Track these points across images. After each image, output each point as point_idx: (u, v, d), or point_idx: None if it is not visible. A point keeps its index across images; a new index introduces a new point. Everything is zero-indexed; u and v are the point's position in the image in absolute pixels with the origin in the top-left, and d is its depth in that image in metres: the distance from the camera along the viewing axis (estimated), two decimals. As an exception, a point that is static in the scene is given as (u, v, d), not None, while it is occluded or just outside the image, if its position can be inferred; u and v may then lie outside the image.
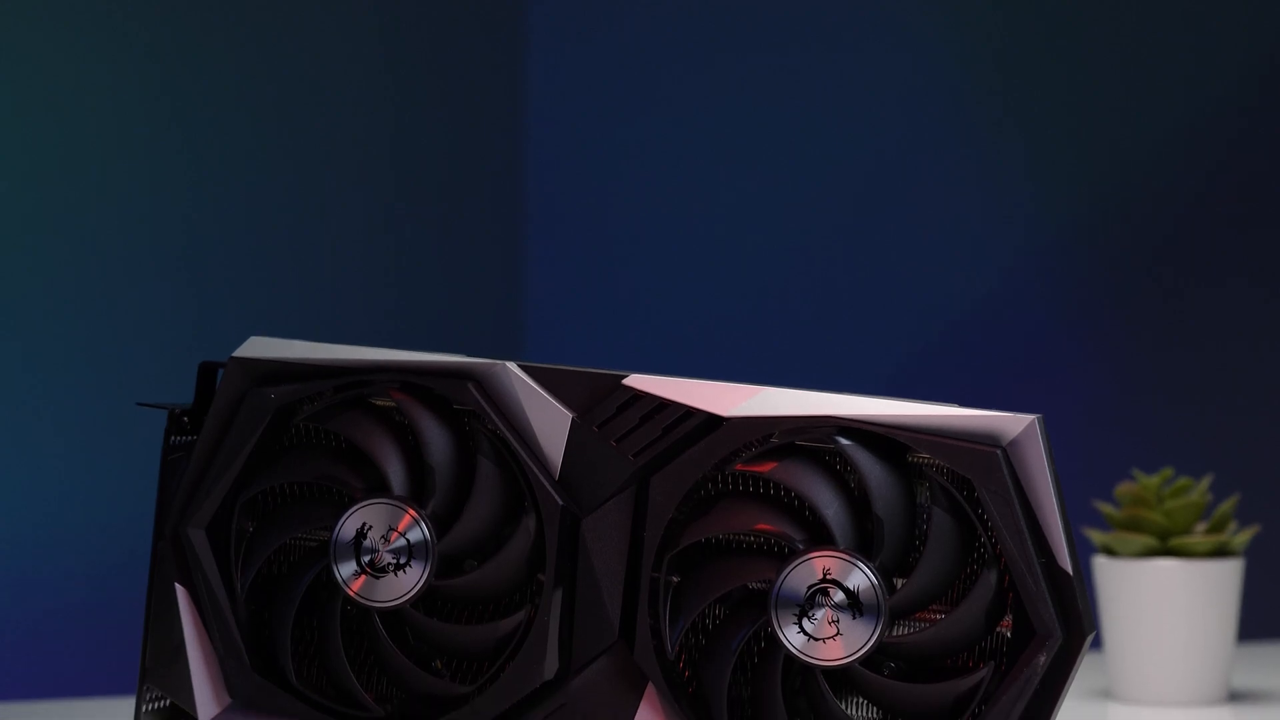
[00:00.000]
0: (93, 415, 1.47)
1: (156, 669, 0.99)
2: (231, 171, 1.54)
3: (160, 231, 1.51)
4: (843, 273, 1.74)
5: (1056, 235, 1.78)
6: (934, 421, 0.92)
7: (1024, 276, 1.77)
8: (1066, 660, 0.92)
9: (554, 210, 1.69)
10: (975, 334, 1.75)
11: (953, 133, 1.77)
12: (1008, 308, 1.76)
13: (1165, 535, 1.40)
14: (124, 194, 1.50)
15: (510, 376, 0.96)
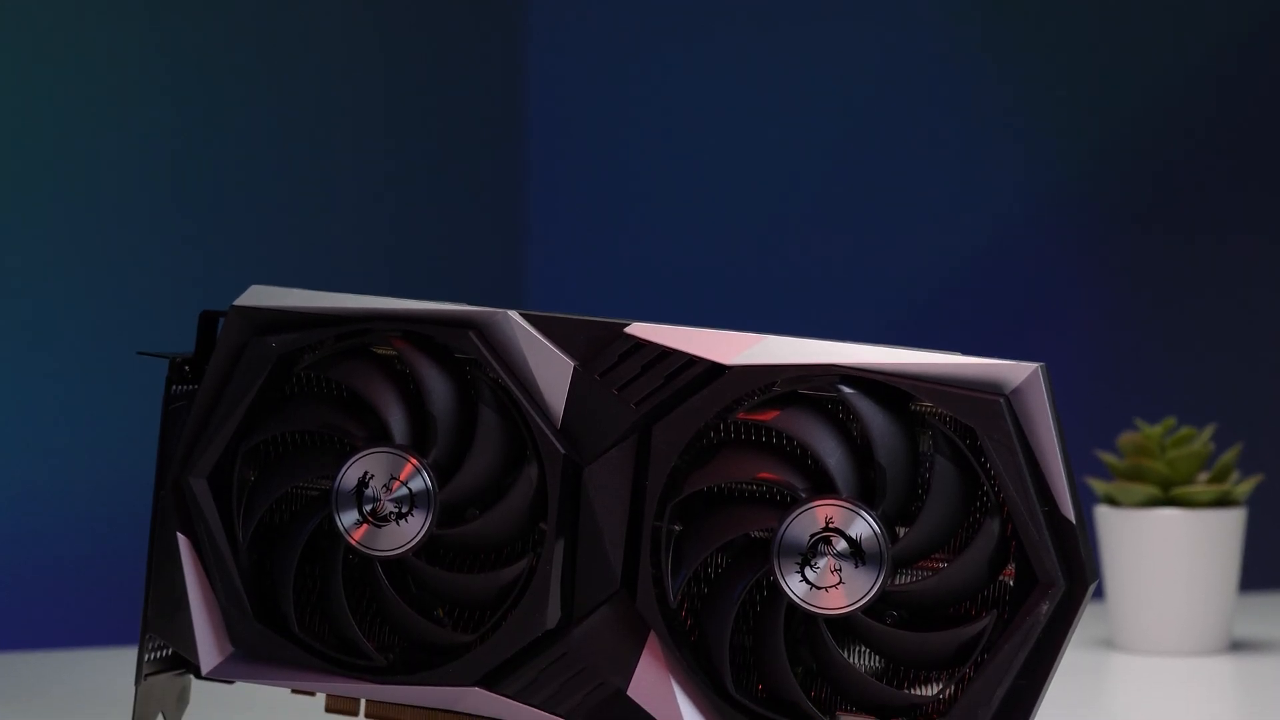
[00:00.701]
0: (93, 365, 1.47)
1: (158, 618, 0.99)
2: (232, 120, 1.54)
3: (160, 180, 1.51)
4: (846, 220, 1.74)
5: (1060, 184, 1.78)
6: (937, 370, 0.92)
7: (1027, 225, 1.77)
8: (1069, 609, 0.92)
9: (555, 158, 1.69)
10: (978, 283, 1.75)
11: (956, 80, 1.77)
12: (1010, 257, 1.76)
13: (1167, 485, 1.40)
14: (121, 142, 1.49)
15: (512, 325, 0.95)
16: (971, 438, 0.92)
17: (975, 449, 0.92)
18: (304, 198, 1.57)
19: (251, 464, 0.98)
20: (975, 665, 0.93)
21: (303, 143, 1.57)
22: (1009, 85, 1.78)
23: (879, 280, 1.74)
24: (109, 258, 1.48)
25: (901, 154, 1.76)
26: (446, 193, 1.64)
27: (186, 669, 1.01)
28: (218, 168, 1.53)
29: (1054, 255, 1.78)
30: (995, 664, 0.92)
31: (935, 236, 1.75)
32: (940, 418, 0.93)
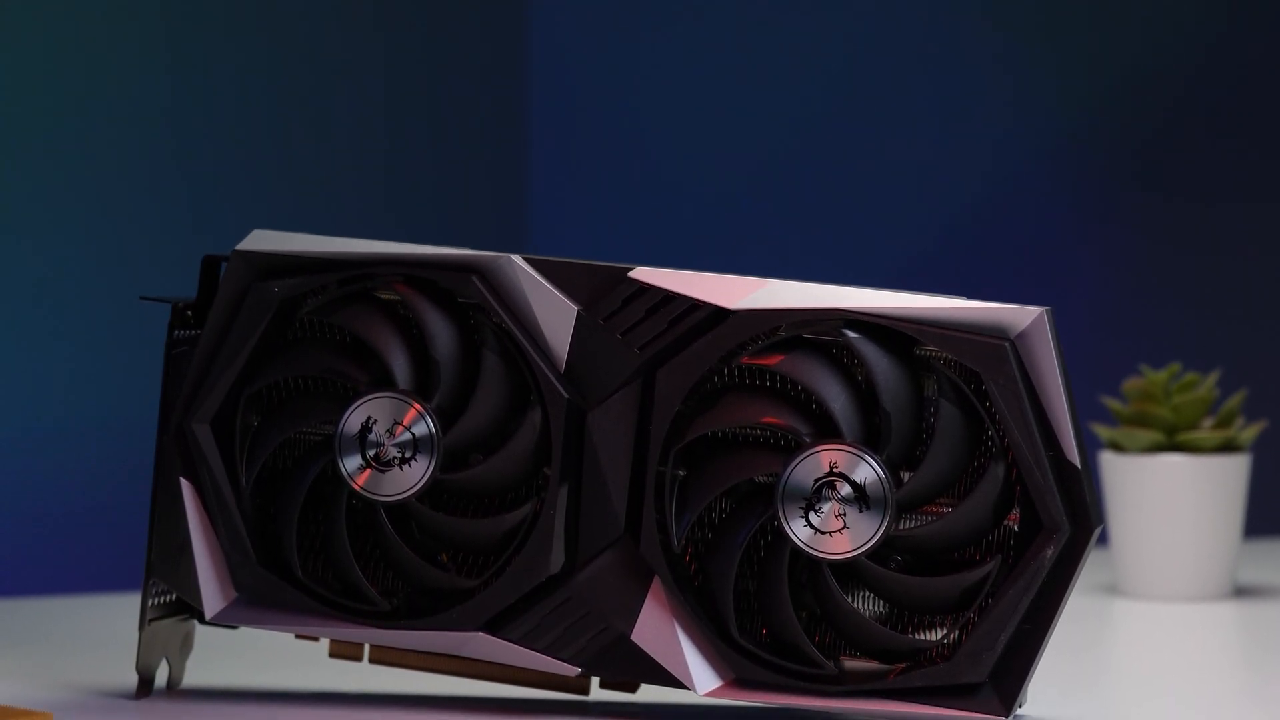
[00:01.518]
0: (95, 310, 1.47)
1: (162, 564, 0.99)
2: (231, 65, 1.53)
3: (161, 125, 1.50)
4: (851, 166, 1.73)
5: (1066, 129, 1.77)
6: (942, 314, 0.92)
7: (1033, 171, 1.76)
8: (1074, 554, 0.92)
9: (558, 102, 1.68)
10: (983, 229, 1.75)
11: (962, 29, 1.76)
12: (1016, 203, 1.76)
13: (1172, 431, 1.40)
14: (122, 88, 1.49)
15: (515, 269, 0.95)
16: (976, 382, 0.92)
17: (980, 393, 0.92)
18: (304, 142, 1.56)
19: (254, 409, 0.98)
20: (979, 610, 0.93)
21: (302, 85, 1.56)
22: (1015, 31, 1.77)
23: (884, 226, 1.74)
24: (110, 202, 1.48)
25: (906, 101, 1.75)
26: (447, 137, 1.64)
27: (190, 614, 1.01)
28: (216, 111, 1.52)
29: (1060, 201, 1.77)
30: (999, 609, 0.92)
31: (941, 183, 1.75)
32: (945, 362, 0.93)
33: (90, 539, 1.47)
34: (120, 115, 1.48)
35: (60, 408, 1.46)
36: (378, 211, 1.60)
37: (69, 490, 1.46)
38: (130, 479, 1.33)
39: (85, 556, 1.46)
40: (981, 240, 1.75)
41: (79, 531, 1.47)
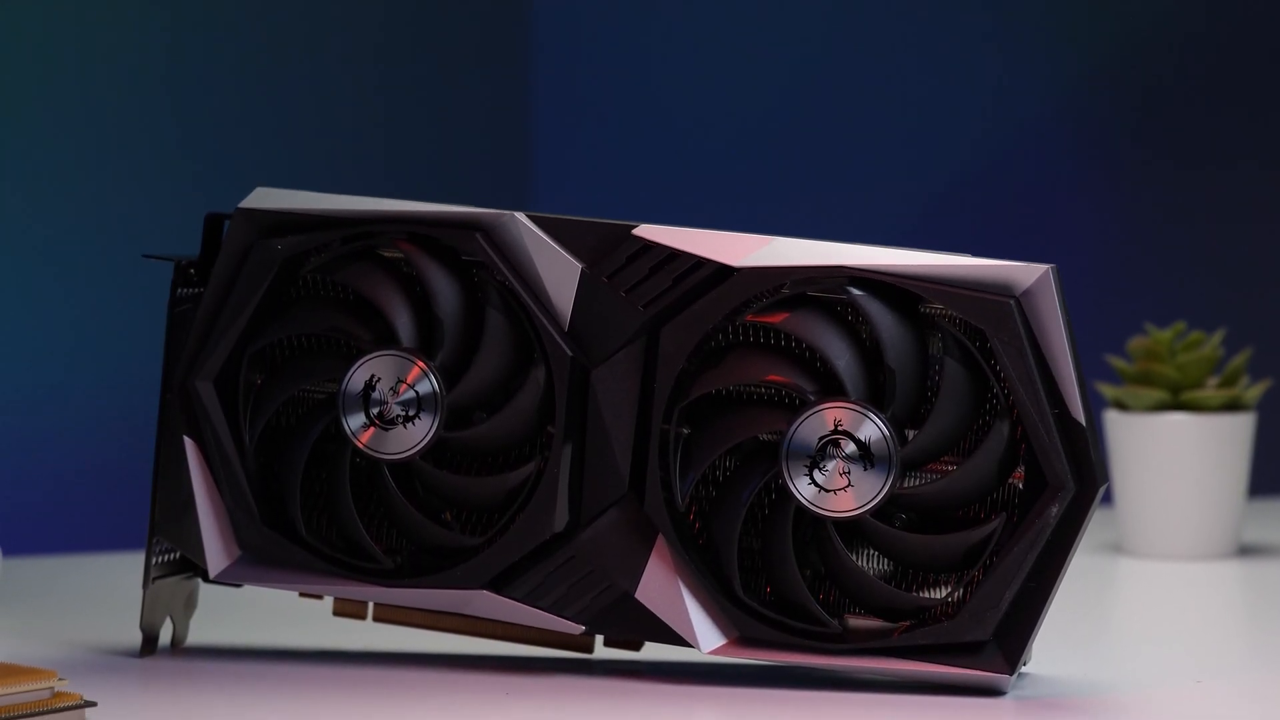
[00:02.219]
0: (98, 268, 1.47)
1: (166, 522, 0.99)
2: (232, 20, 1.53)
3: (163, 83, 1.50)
4: (856, 123, 1.73)
5: (1071, 87, 1.77)
6: (947, 272, 0.92)
7: (1038, 128, 1.76)
8: (1079, 512, 0.92)
9: (562, 58, 1.67)
10: (988, 187, 1.74)
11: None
12: (1021, 160, 1.75)
13: (1177, 389, 1.39)
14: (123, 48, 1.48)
15: (519, 227, 0.95)
16: (981, 340, 0.92)
17: (985, 351, 0.92)
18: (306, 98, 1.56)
19: (257, 367, 0.98)
20: (984, 568, 0.93)
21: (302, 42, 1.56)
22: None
23: (889, 184, 1.73)
24: (112, 160, 1.47)
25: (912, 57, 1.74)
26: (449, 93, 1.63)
27: (194, 573, 1.01)
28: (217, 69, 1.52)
29: (1065, 159, 1.77)
30: (1004, 567, 0.92)
31: (945, 140, 1.74)
32: (950, 320, 0.93)
33: (94, 498, 1.47)
34: (120, 74, 1.48)
35: (63, 366, 1.46)
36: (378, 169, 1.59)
37: (72, 449, 1.46)
38: (134, 437, 1.33)
39: (89, 515, 1.46)
40: (986, 198, 1.74)
41: (82, 490, 1.47)
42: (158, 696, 0.94)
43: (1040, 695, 0.94)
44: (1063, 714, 0.91)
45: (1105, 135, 1.78)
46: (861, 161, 1.73)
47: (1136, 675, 1.01)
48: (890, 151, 1.73)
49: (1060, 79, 1.77)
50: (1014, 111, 1.76)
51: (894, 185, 1.73)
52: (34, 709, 0.85)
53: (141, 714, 0.90)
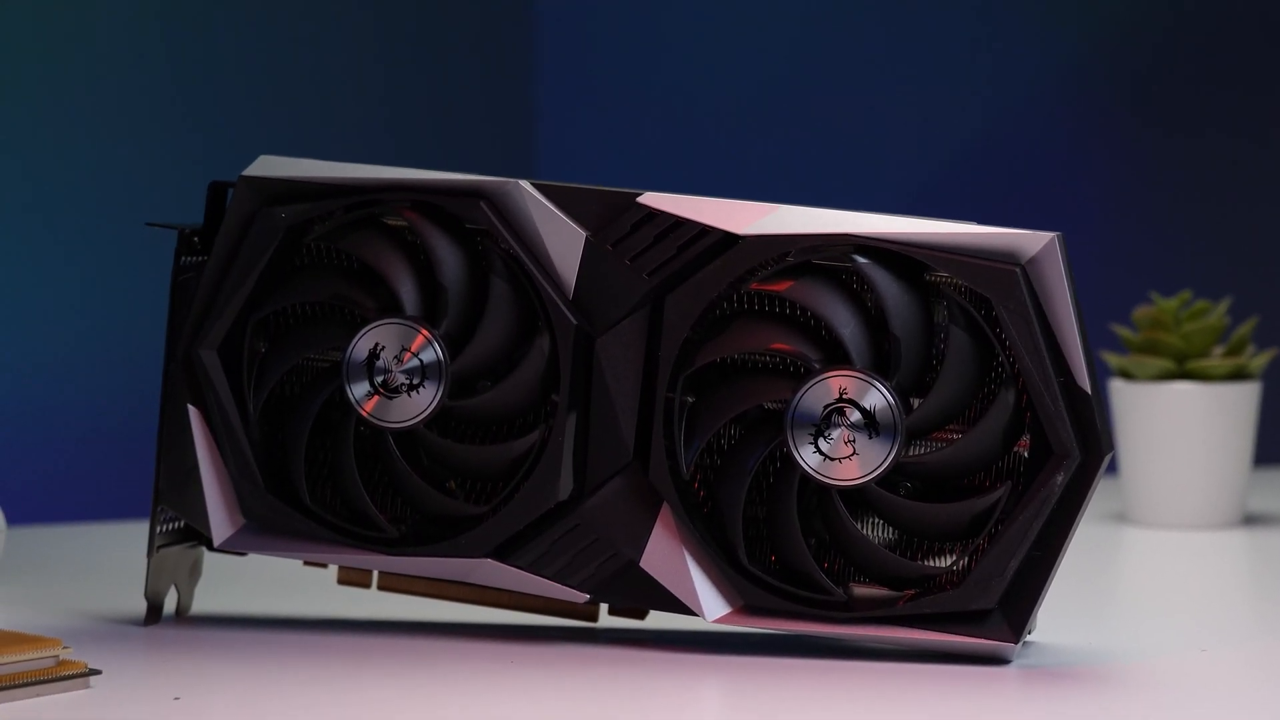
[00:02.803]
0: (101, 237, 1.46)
1: (170, 491, 0.99)
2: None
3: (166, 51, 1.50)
4: (862, 91, 1.72)
5: (1077, 56, 1.76)
6: (952, 239, 0.92)
7: (1043, 97, 1.75)
8: (1084, 480, 0.91)
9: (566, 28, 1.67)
10: (993, 155, 1.74)
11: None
12: (1026, 129, 1.75)
13: (1182, 358, 1.39)
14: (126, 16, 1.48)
15: (523, 195, 0.95)
16: (987, 308, 0.92)
17: (991, 319, 0.92)
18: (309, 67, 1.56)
19: (262, 336, 0.98)
20: (989, 536, 0.93)
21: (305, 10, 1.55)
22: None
23: (894, 152, 1.73)
24: (115, 129, 1.47)
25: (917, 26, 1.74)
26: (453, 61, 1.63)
27: (198, 541, 1.01)
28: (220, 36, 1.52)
29: (1070, 127, 1.76)
30: (1009, 535, 0.92)
31: (951, 109, 1.74)
32: (955, 288, 0.92)
33: (98, 467, 1.47)
34: (122, 41, 1.48)
35: (67, 335, 1.46)
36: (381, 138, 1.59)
37: (76, 418, 1.46)
38: (138, 406, 1.33)
39: (93, 484, 1.46)
40: (992, 167, 1.74)
41: (86, 459, 1.47)
42: (162, 665, 0.94)
43: (1045, 664, 0.94)
44: (1067, 683, 0.91)
45: (1111, 104, 1.78)
46: (867, 130, 1.72)
47: (1141, 644, 1.01)
48: (896, 120, 1.73)
49: (1066, 48, 1.77)
50: (1020, 80, 1.75)
51: (899, 154, 1.73)
52: (39, 677, 0.85)
53: (146, 682, 0.90)
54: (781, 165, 1.71)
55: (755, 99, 1.71)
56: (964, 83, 1.74)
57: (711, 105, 1.70)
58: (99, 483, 1.46)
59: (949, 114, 1.74)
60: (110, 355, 1.46)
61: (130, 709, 0.85)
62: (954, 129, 1.74)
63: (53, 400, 1.45)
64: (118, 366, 1.46)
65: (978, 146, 1.74)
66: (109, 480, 1.46)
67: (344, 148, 1.53)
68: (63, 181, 1.46)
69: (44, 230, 1.45)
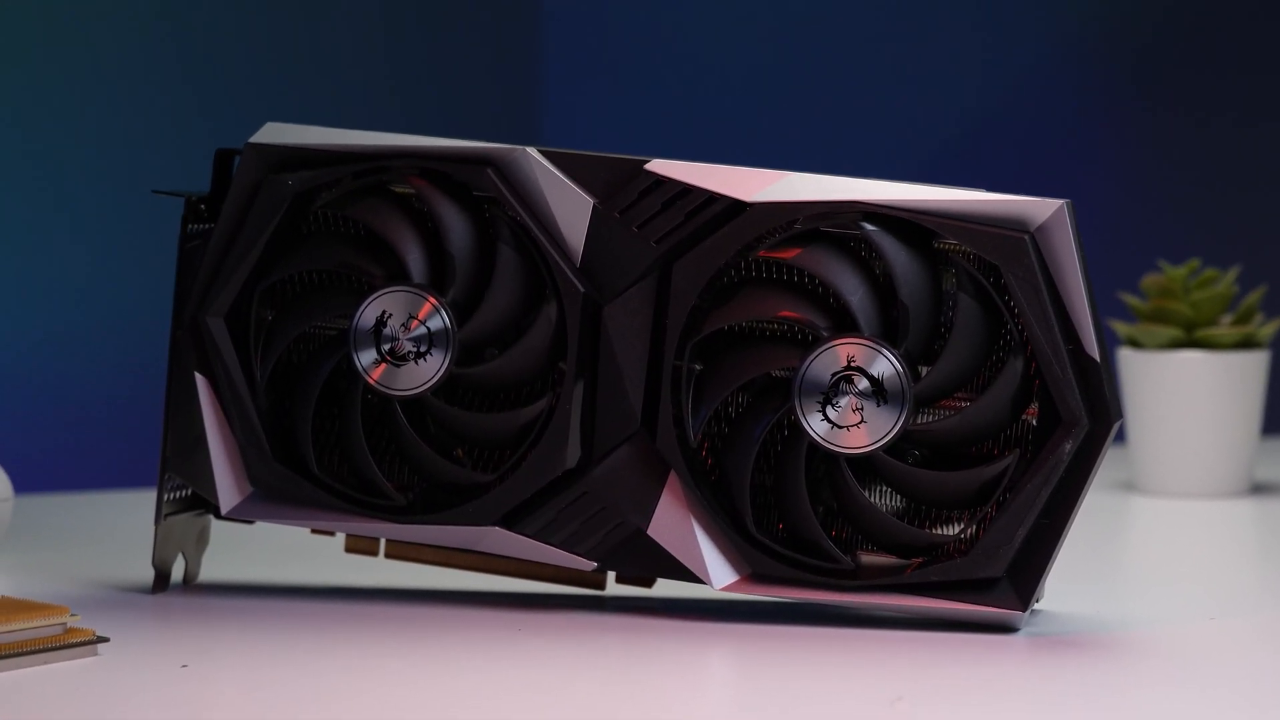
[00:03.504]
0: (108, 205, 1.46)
1: (177, 458, 0.99)
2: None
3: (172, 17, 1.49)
4: (870, 60, 1.72)
5: (1086, 24, 1.76)
6: (961, 207, 0.91)
7: (1052, 66, 1.75)
8: (1093, 448, 0.91)
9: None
10: (1001, 124, 1.74)
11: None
12: (1035, 98, 1.74)
13: (1191, 327, 1.39)
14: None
15: (530, 162, 0.94)
16: (996, 275, 0.92)
17: (999, 287, 0.92)
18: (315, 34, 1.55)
19: (268, 303, 0.98)
20: (997, 505, 0.92)
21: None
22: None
23: (902, 120, 1.72)
24: (122, 97, 1.47)
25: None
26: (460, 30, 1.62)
27: (206, 509, 1.01)
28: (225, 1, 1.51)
29: (1080, 95, 1.76)
30: (1018, 503, 0.91)
31: (960, 77, 1.73)
32: (964, 255, 0.92)
33: (105, 435, 1.47)
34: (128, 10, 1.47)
35: (74, 303, 1.46)
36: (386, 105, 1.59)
37: (83, 386, 1.46)
38: (145, 374, 1.33)
39: (100, 453, 1.46)
40: (1000, 134, 1.74)
41: (94, 428, 1.47)
42: (170, 632, 0.94)
43: (1053, 632, 0.94)
44: (1075, 651, 0.91)
45: (1120, 72, 1.77)
46: (875, 97, 1.72)
47: (1149, 612, 1.01)
48: (904, 89, 1.73)
49: (1075, 14, 1.76)
50: (1028, 47, 1.75)
51: (907, 123, 1.72)
52: (47, 644, 0.85)
53: (153, 650, 0.90)
54: (789, 133, 1.70)
55: (763, 66, 1.71)
56: (973, 52, 1.74)
57: (720, 72, 1.69)
58: (106, 451, 1.46)
59: (958, 83, 1.74)
60: (117, 323, 1.46)
61: (138, 676, 0.85)
62: (963, 97, 1.73)
63: (59, 369, 1.45)
64: (124, 334, 1.46)
65: (987, 114, 1.74)
66: (116, 448, 1.46)
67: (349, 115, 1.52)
68: (68, 150, 1.45)
69: (50, 199, 1.45)
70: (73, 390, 1.46)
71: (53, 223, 1.45)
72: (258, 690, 0.84)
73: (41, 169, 1.45)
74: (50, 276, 1.45)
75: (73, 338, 1.45)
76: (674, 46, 1.69)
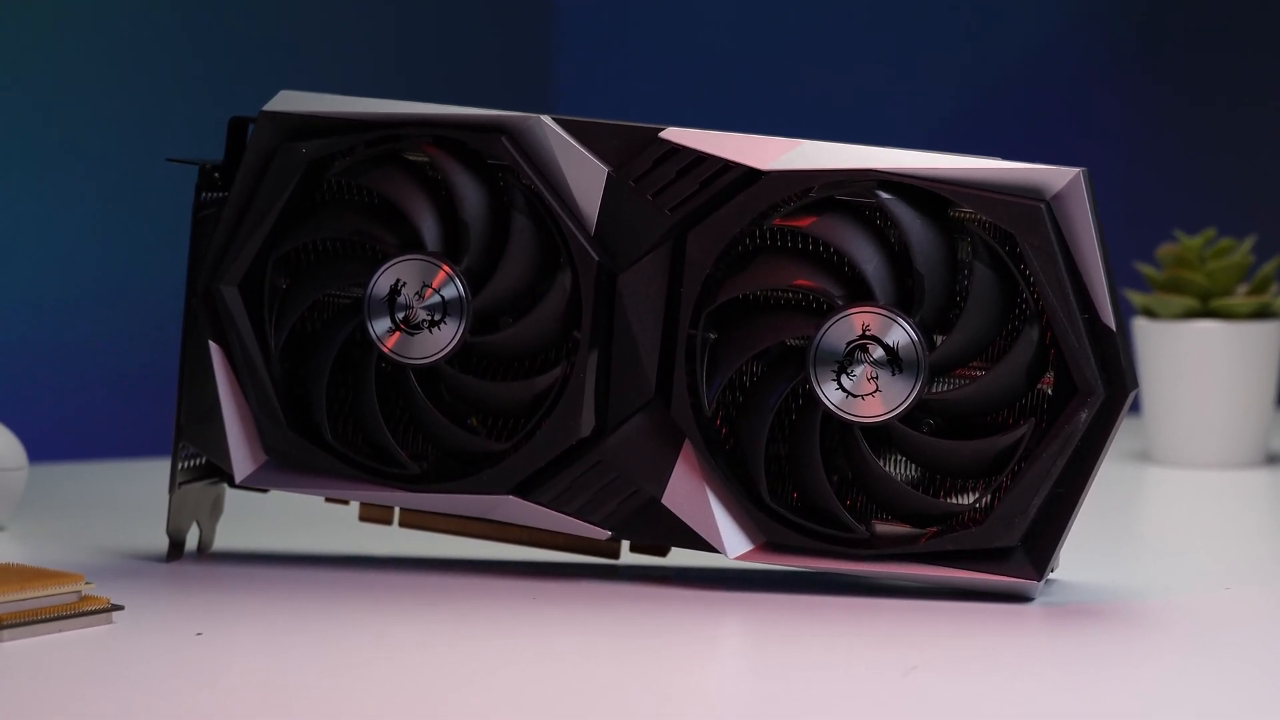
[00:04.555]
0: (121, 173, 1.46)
1: (191, 427, 0.99)
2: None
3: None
4: (886, 28, 1.71)
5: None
6: (977, 175, 0.91)
7: (1067, 34, 1.74)
8: (1108, 417, 0.91)
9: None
10: (1016, 93, 1.73)
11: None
12: (1049, 66, 1.74)
13: (1206, 296, 1.39)
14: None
15: (545, 130, 0.94)
16: (1011, 244, 0.91)
17: (1015, 255, 0.91)
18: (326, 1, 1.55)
19: (283, 272, 0.98)
20: (1012, 474, 0.92)
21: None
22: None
23: (916, 90, 1.72)
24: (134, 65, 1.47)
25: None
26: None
27: (220, 478, 1.01)
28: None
29: (1093, 64, 1.75)
30: (1033, 472, 0.91)
31: (974, 44, 1.73)
32: (980, 224, 0.92)
33: (119, 404, 1.47)
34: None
35: (88, 272, 1.46)
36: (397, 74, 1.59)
37: (97, 355, 1.46)
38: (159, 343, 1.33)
39: (115, 422, 1.46)
40: (1015, 103, 1.73)
41: (108, 397, 1.47)
42: (184, 601, 0.94)
43: (1068, 601, 0.94)
44: (1090, 620, 0.91)
45: (1135, 40, 1.77)
46: (890, 66, 1.71)
47: (1164, 582, 1.01)
48: (918, 58, 1.72)
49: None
50: (1043, 15, 1.74)
51: (921, 92, 1.72)
52: (61, 612, 0.86)
53: (168, 618, 0.90)
54: (804, 100, 1.70)
55: (777, 33, 1.70)
56: (987, 18, 1.73)
57: (733, 39, 1.69)
58: (120, 420, 1.46)
59: (972, 50, 1.73)
60: (131, 292, 1.46)
61: (152, 644, 0.85)
62: (977, 64, 1.73)
63: (73, 337, 1.45)
64: (139, 303, 1.46)
65: (1000, 83, 1.73)
66: (130, 417, 1.46)
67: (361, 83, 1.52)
68: (82, 119, 1.45)
69: (64, 167, 1.45)
70: (87, 359, 1.46)
71: (66, 191, 1.45)
72: (272, 658, 0.84)
73: (55, 138, 1.45)
74: (64, 245, 1.45)
75: (87, 307, 1.45)
76: (687, 13, 1.69)
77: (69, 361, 1.45)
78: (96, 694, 0.78)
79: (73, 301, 1.45)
